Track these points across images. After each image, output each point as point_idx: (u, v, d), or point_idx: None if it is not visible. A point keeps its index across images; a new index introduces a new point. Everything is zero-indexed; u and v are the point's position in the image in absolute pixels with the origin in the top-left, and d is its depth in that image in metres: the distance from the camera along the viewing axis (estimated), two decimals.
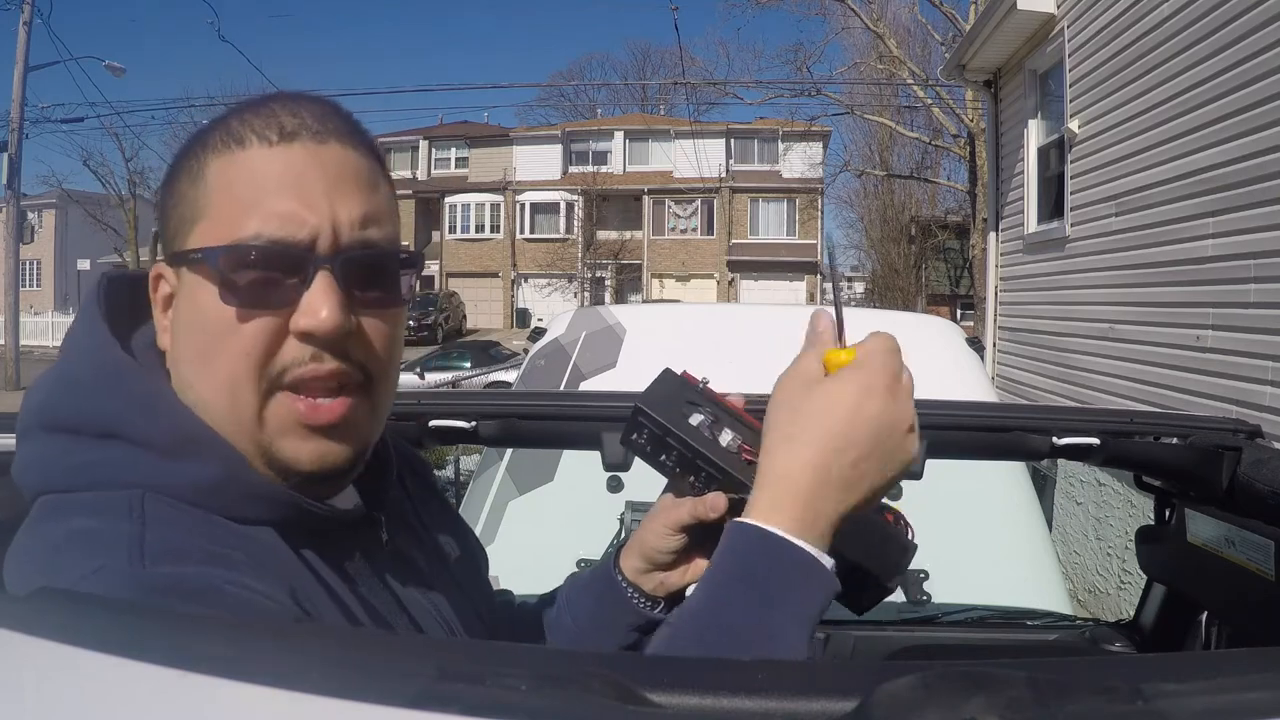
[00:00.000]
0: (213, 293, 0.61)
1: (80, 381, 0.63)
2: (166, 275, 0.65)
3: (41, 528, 0.59)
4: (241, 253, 0.60)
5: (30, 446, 0.63)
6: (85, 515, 0.58)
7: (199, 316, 0.62)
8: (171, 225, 0.65)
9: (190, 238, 0.62)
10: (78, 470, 0.61)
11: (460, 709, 0.38)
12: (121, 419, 0.61)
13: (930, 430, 1.29)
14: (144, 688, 0.41)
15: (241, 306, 0.60)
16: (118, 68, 18.85)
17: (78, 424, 0.62)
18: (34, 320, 28.24)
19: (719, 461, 0.71)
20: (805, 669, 0.45)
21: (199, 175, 0.63)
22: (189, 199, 0.63)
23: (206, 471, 0.60)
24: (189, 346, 0.63)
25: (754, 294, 31.90)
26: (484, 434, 1.32)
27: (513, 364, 12.54)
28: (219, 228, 0.61)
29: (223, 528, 0.60)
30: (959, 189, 20.99)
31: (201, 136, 0.65)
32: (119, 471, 0.60)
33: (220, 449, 0.62)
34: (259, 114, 0.63)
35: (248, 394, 0.61)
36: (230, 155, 0.62)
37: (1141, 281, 4.88)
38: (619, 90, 41.11)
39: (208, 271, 0.61)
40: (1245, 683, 0.42)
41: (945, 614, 1.89)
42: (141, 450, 0.60)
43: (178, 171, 0.65)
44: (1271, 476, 1.17)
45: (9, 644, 0.45)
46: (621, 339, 2.78)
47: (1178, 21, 4.46)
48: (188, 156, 0.65)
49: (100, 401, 0.62)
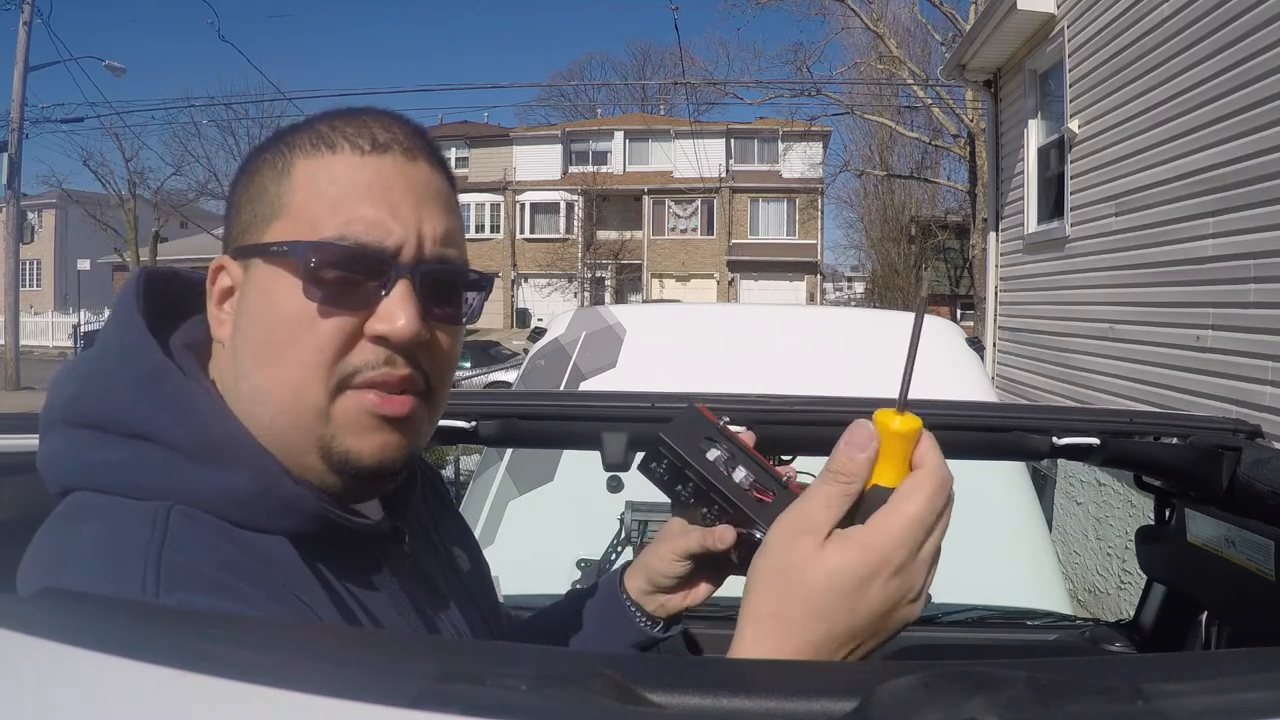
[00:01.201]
0: (293, 287, 0.61)
1: (114, 380, 0.63)
2: (230, 268, 0.65)
3: (63, 530, 0.59)
4: (330, 250, 0.61)
5: (56, 440, 0.63)
6: (107, 522, 0.58)
7: (273, 310, 0.62)
8: (244, 219, 0.65)
9: (268, 232, 0.63)
10: (104, 468, 0.60)
11: (460, 709, 0.38)
12: (153, 421, 0.61)
13: (930, 430, 1.29)
14: (144, 688, 0.41)
15: (323, 304, 0.61)
16: (118, 68, 18.84)
17: (107, 421, 0.61)
18: (34, 320, 28.25)
19: (732, 497, 0.73)
20: (805, 669, 0.45)
21: (284, 173, 0.64)
22: (269, 195, 0.64)
23: (236, 481, 0.60)
24: (255, 339, 0.63)
25: (754, 294, 31.91)
26: (484, 434, 1.32)
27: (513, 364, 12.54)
28: (301, 225, 0.62)
29: (237, 544, 0.59)
30: (959, 189, 20.99)
31: (287, 136, 0.66)
32: (146, 474, 0.60)
33: (252, 456, 0.61)
34: (351, 123, 0.65)
35: (317, 389, 0.62)
36: (320, 158, 0.63)
37: (1141, 281, 4.88)
38: (619, 90, 41.16)
39: (292, 265, 0.62)
40: (1245, 683, 0.42)
41: (945, 614, 1.89)
42: (171, 454, 0.60)
43: (258, 167, 0.65)
44: (1271, 476, 1.17)
45: (9, 644, 0.45)
46: (621, 339, 2.78)
47: (1178, 21, 4.46)
48: (271, 153, 0.65)
49: (133, 402, 0.61)
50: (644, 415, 1.27)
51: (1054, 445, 1.28)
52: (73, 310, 26.77)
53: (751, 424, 1.08)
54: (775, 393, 1.31)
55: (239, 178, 0.67)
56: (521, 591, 1.95)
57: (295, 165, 0.64)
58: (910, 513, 0.55)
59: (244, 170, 0.67)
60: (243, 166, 0.68)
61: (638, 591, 0.85)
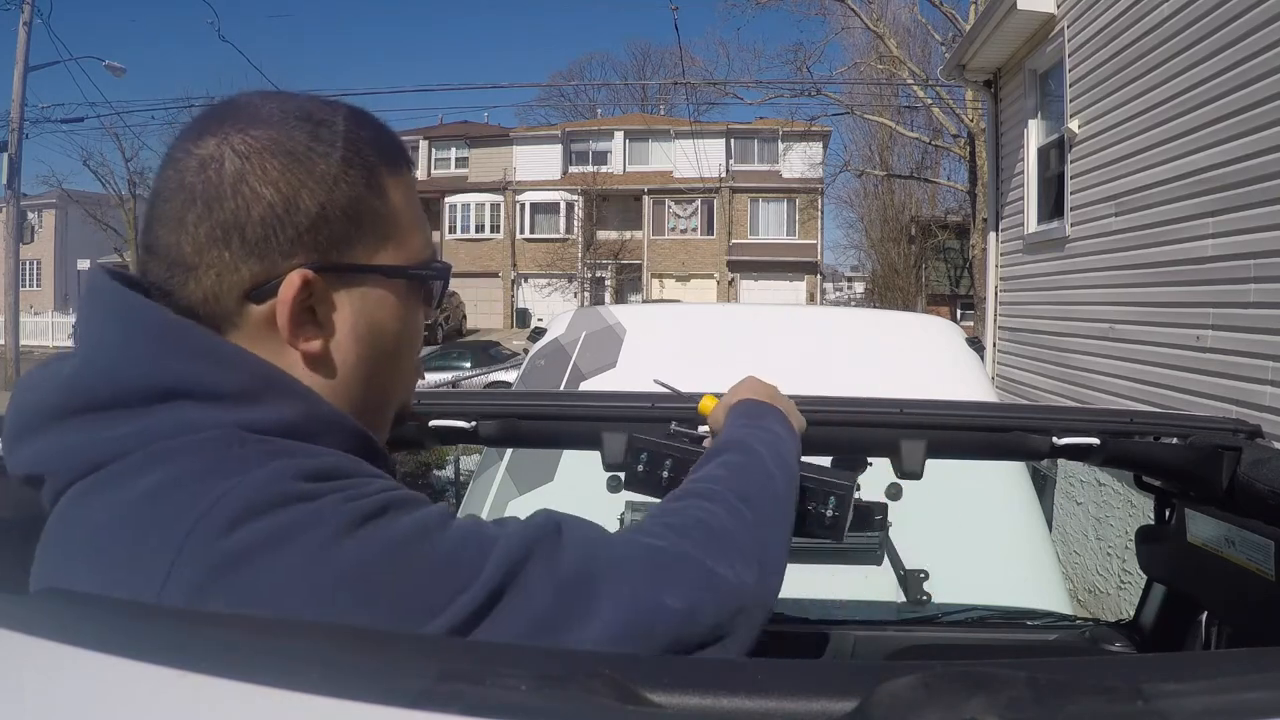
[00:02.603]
0: (414, 306, 0.69)
1: (126, 350, 0.59)
2: (317, 284, 0.62)
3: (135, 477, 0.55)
4: (444, 273, 0.71)
5: (63, 432, 0.59)
6: (186, 455, 0.56)
7: (396, 326, 0.68)
8: (333, 231, 0.62)
9: (381, 254, 0.65)
10: (141, 434, 0.57)
11: (460, 709, 0.38)
12: (187, 374, 0.58)
13: (930, 430, 1.29)
14: (144, 688, 0.41)
15: (426, 315, 0.71)
16: (118, 68, 18.83)
17: (126, 395, 0.58)
18: (34, 320, 28.23)
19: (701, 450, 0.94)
20: (805, 669, 0.45)
21: (380, 191, 0.65)
22: (369, 211, 0.64)
23: (288, 409, 0.60)
24: (369, 352, 0.66)
25: (754, 294, 31.90)
26: (484, 434, 1.32)
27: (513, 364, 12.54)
28: (410, 251, 0.67)
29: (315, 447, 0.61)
30: (959, 189, 20.99)
31: (360, 150, 0.64)
32: (194, 425, 0.57)
33: (296, 387, 0.62)
34: (393, 136, 0.69)
35: (415, 375, 0.74)
36: (398, 178, 0.67)
37: (1141, 281, 4.88)
38: (619, 90, 41.16)
39: (416, 288, 0.69)
40: (1245, 683, 0.42)
41: (945, 614, 1.89)
42: (211, 404, 0.58)
43: (349, 181, 0.63)
44: (1271, 476, 1.17)
45: (9, 644, 0.45)
46: (621, 339, 2.78)
47: (1178, 21, 4.46)
48: (360, 169, 0.64)
49: (158, 361, 0.59)
50: (644, 415, 1.27)
51: (1054, 445, 1.28)
52: (72, 310, 26.74)
53: None
54: None
55: (321, 188, 0.62)
56: None
57: (386, 185, 0.65)
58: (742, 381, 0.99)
59: (331, 181, 0.62)
60: (327, 177, 0.62)
61: None
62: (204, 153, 0.61)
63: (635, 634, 0.57)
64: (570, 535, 0.60)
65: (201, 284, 0.61)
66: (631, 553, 0.62)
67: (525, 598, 0.55)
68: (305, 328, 0.63)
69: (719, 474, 0.76)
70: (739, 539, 0.67)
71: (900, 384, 2.36)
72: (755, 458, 0.79)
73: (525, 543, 0.57)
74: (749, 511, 0.70)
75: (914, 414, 1.27)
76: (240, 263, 0.60)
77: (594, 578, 0.58)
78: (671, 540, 0.64)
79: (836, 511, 0.96)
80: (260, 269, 0.61)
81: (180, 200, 0.61)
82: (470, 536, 0.57)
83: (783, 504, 0.77)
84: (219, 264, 0.60)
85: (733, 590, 0.63)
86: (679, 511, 0.69)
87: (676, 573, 0.61)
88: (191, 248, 0.60)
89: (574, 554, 0.58)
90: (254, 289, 0.61)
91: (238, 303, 0.61)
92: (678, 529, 0.66)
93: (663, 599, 0.59)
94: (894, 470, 1.27)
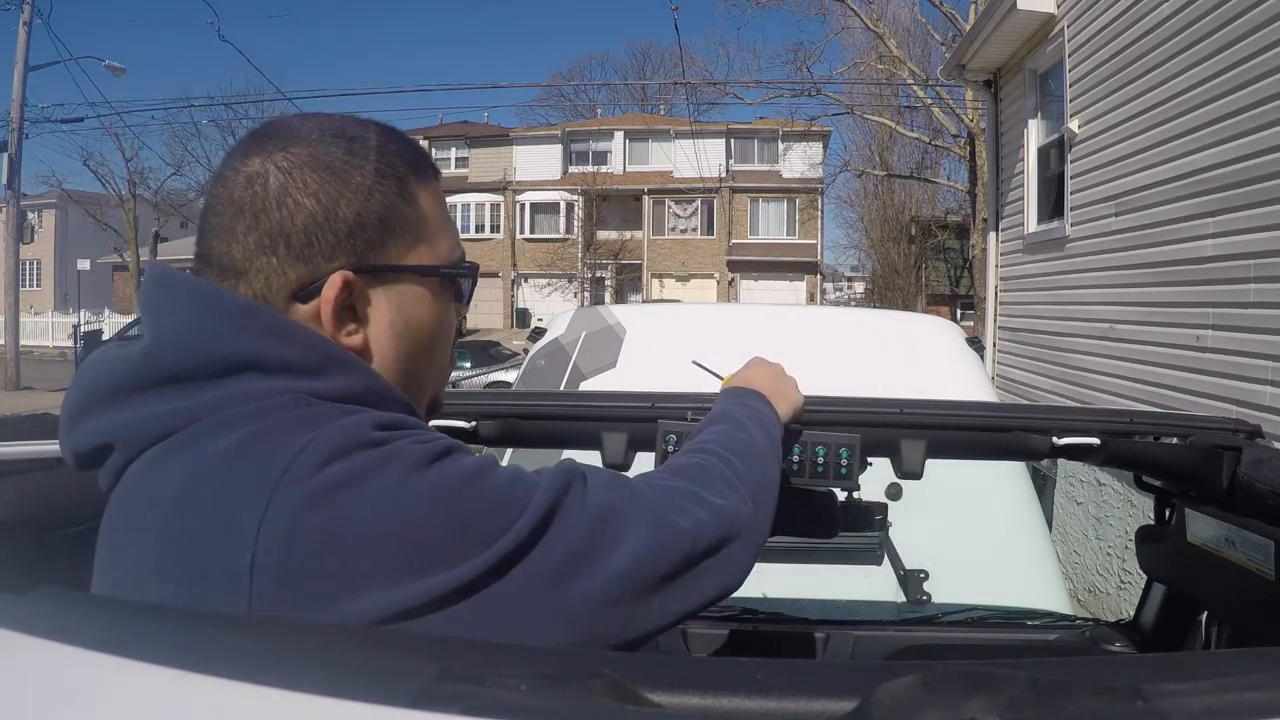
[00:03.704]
0: (440, 303, 0.75)
1: (200, 327, 0.65)
2: (356, 284, 0.69)
3: (210, 439, 0.61)
4: (474, 273, 0.78)
5: (133, 405, 0.64)
6: (257, 419, 0.61)
7: (431, 321, 0.74)
8: (369, 236, 0.69)
9: (413, 255, 0.72)
10: (213, 403, 0.63)
11: (460, 709, 0.38)
12: (256, 348, 0.64)
13: (930, 430, 1.29)
14: (144, 688, 0.41)
15: (458, 312, 0.79)
16: (118, 68, 18.84)
17: (195, 369, 0.63)
18: (34, 320, 28.22)
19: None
20: (805, 669, 0.45)
21: (410, 198, 0.72)
22: (401, 217, 0.71)
23: (353, 382, 0.67)
24: (405, 346, 0.72)
25: (754, 294, 31.89)
26: (484, 434, 1.32)
27: (513, 364, 12.54)
28: (440, 251, 0.74)
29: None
30: (959, 189, 20.99)
31: (390, 162, 0.71)
32: (262, 394, 0.63)
33: (357, 363, 0.69)
34: (420, 148, 0.75)
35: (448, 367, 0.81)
36: (426, 185, 0.73)
37: (1141, 281, 4.88)
38: (619, 90, 41.16)
39: (441, 286, 0.75)
40: (1245, 683, 0.42)
41: (945, 614, 1.89)
42: (279, 375, 0.64)
43: (383, 189, 0.70)
44: (1271, 476, 1.17)
45: (9, 644, 0.45)
46: (621, 339, 2.78)
47: (1178, 21, 4.46)
48: (391, 179, 0.70)
49: (231, 336, 0.64)
50: (644, 415, 1.27)
51: (1054, 445, 1.28)
52: (73, 310, 26.75)
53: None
54: None
55: (357, 195, 0.68)
56: None
57: (416, 193, 0.72)
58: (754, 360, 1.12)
59: (367, 188, 0.69)
60: (364, 185, 0.69)
61: None
62: (250, 169, 0.67)
63: (654, 554, 0.67)
64: (594, 479, 0.69)
65: (252, 286, 0.67)
66: (645, 489, 0.73)
67: (566, 529, 0.64)
68: (347, 324, 0.69)
69: (709, 437, 0.89)
70: (731, 479, 0.80)
71: (900, 384, 2.36)
72: (738, 425, 0.93)
73: (561, 484, 0.66)
74: (738, 462, 0.84)
75: (914, 414, 1.27)
76: (287, 266, 0.67)
77: (617, 510, 0.67)
78: (678, 481, 0.77)
79: (848, 462, 1.19)
80: (305, 272, 0.67)
81: (230, 213, 0.67)
82: (519, 477, 0.66)
83: (765, 456, 0.89)
84: (267, 268, 0.67)
85: (730, 513, 0.75)
86: (681, 464, 0.82)
87: (683, 502, 0.73)
88: (242, 254, 0.67)
89: (600, 493, 0.68)
90: (300, 290, 0.67)
91: (285, 303, 0.68)
92: (680, 472, 0.79)
93: (674, 520, 0.70)
94: (894, 470, 1.27)
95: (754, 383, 1.04)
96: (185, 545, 0.58)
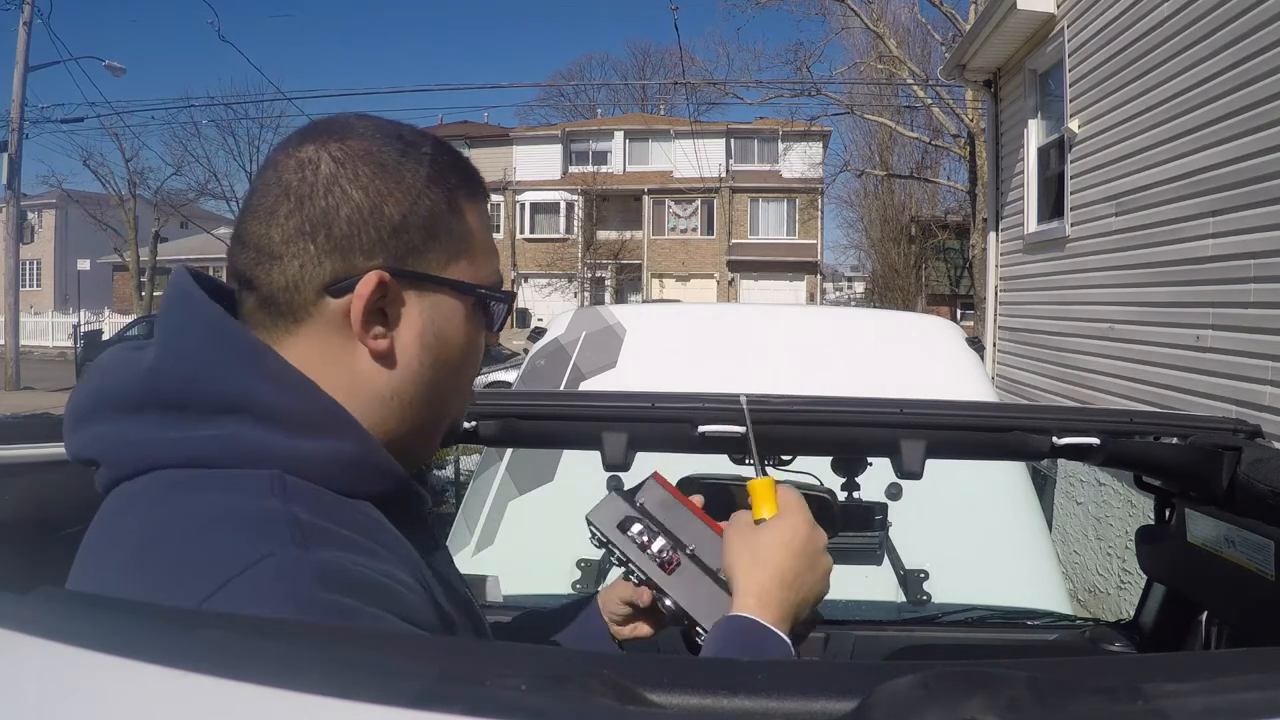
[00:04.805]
0: (472, 320, 0.72)
1: (207, 358, 0.64)
2: (392, 286, 0.67)
3: (170, 502, 0.60)
4: (512, 297, 0.75)
5: (123, 423, 0.63)
6: (231, 489, 0.59)
7: (459, 337, 0.71)
8: (412, 239, 0.67)
9: (453, 268, 0.70)
10: (200, 443, 0.61)
11: (460, 709, 0.38)
12: (254, 395, 0.63)
13: (930, 430, 1.29)
14: (144, 688, 0.41)
15: (487, 340, 0.75)
16: (118, 68, 18.84)
17: (193, 399, 0.63)
18: (34, 320, 28.23)
19: (644, 570, 0.91)
20: (805, 669, 0.45)
21: (457, 212, 0.70)
22: (446, 228, 0.69)
23: (343, 447, 0.64)
24: (431, 359, 0.70)
25: (754, 294, 31.89)
26: (484, 434, 1.32)
27: (513, 364, 12.53)
28: (480, 270, 0.72)
29: (349, 507, 0.63)
30: (959, 189, 20.98)
31: (443, 172, 0.69)
32: (245, 446, 0.62)
33: (353, 425, 0.66)
34: (473, 168, 0.74)
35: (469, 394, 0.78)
36: (475, 203, 0.72)
37: (1141, 281, 4.88)
38: (619, 90, 41.15)
39: (480, 309, 0.73)
40: (1245, 683, 0.42)
41: (945, 614, 1.89)
42: (272, 426, 0.62)
43: (432, 195, 0.68)
44: (1271, 476, 1.17)
45: (9, 644, 0.45)
46: (621, 339, 2.78)
47: (1178, 21, 4.46)
48: (442, 189, 0.69)
49: (234, 378, 0.63)
50: (644, 415, 1.27)
51: (1054, 445, 1.28)
52: (73, 310, 26.76)
53: (751, 424, 1.08)
54: (775, 393, 1.31)
55: (403, 197, 0.67)
56: (521, 591, 1.95)
57: (464, 207, 0.70)
58: (790, 500, 0.87)
59: (414, 192, 0.67)
60: (412, 189, 0.67)
61: (605, 615, 0.99)
62: (303, 155, 0.66)
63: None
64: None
65: (286, 272, 0.65)
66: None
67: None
68: (375, 326, 0.67)
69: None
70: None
71: (900, 384, 2.36)
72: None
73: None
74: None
75: (914, 414, 1.27)
76: (324, 256, 0.65)
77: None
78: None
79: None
80: (341, 265, 0.65)
81: (274, 195, 0.66)
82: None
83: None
84: (303, 255, 0.65)
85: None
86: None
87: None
88: (280, 237, 0.65)
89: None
90: (333, 283, 0.65)
91: (316, 294, 0.66)
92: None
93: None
94: (894, 470, 1.27)
95: (762, 602, 0.80)
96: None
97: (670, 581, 0.90)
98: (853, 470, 1.39)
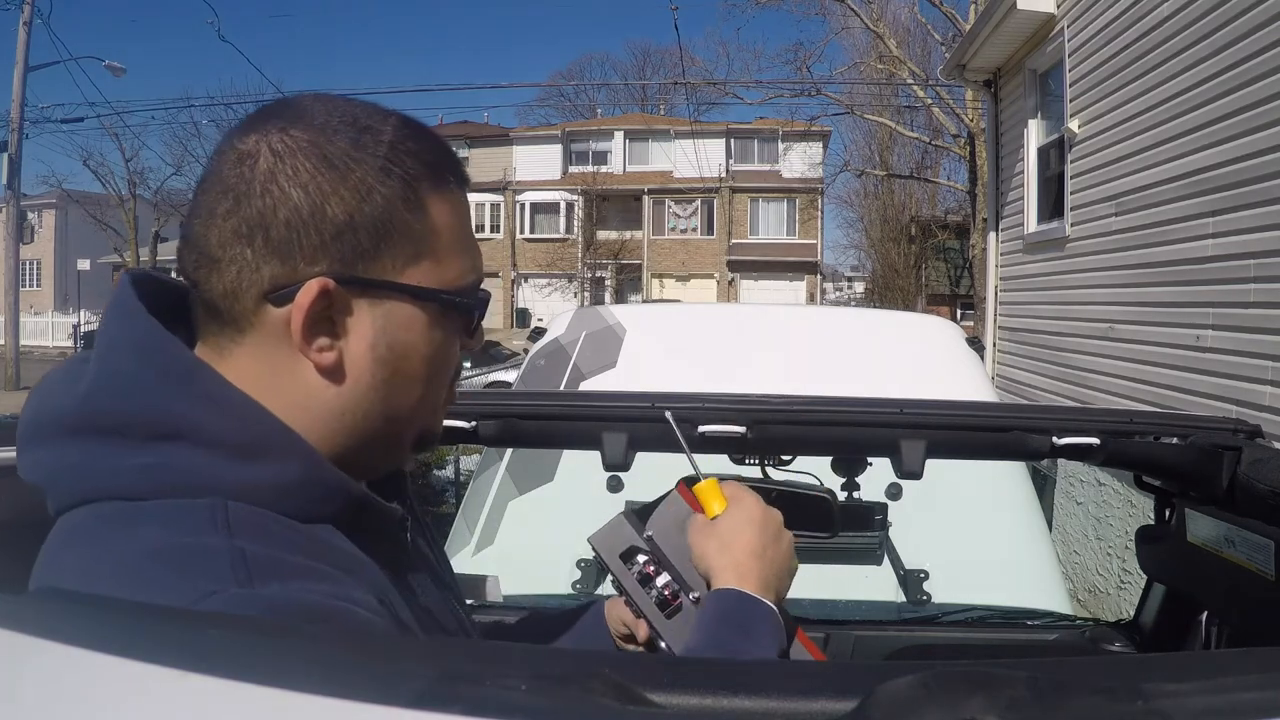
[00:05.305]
0: (446, 331, 0.66)
1: (138, 380, 0.59)
2: (337, 294, 0.60)
3: (106, 538, 0.56)
4: (484, 301, 0.68)
5: (63, 451, 0.59)
6: (167, 524, 0.55)
7: (423, 349, 0.65)
8: (360, 242, 0.61)
9: (411, 273, 0.63)
10: (136, 472, 0.57)
11: (460, 709, 0.38)
12: (190, 419, 0.58)
13: (930, 430, 1.29)
14: (144, 688, 0.41)
15: (464, 346, 0.69)
16: (118, 68, 18.84)
17: (130, 425, 0.58)
18: (34, 320, 28.23)
19: (642, 608, 0.86)
20: (805, 669, 0.46)
21: (418, 207, 0.63)
22: (403, 226, 0.62)
23: (288, 470, 0.60)
24: (386, 372, 0.64)
25: (754, 294, 31.89)
26: (484, 434, 1.32)
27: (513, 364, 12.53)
28: (447, 272, 0.65)
29: (299, 532, 0.59)
30: (959, 189, 20.99)
31: (401, 161, 0.62)
32: (185, 475, 0.58)
33: (299, 446, 0.61)
34: (446, 150, 0.67)
35: (440, 411, 0.71)
36: (443, 194, 0.65)
37: (1141, 281, 4.88)
38: (619, 90, 41.14)
39: (450, 313, 0.66)
40: (1245, 683, 0.42)
41: (945, 614, 1.89)
42: (211, 451, 0.58)
43: (386, 191, 0.61)
44: (1271, 476, 1.17)
45: (9, 644, 0.45)
46: (621, 339, 2.78)
47: (1178, 21, 4.46)
48: (398, 180, 0.62)
49: (167, 401, 0.59)
50: (644, 415, 1.27)
51: (1054, 445, 1.28)
52: (73, 310, 26.78)
53: (752, 424, 1.08)
54: (775, 393, 1.31)
55: (354, 197, 0.60)
56: (521, 591, 1.95)
57: (427, 201, 0.63)
58: (737, 492, 0.87)
59: (360, 191, 0.61)
60: (358, 187, 0.61)
61: (610, 625, 0.96)
62: (244, 148, 0.61)
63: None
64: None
65: (224, 278, 0.60)
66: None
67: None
68: (320, 337, 0.61)
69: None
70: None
71: (900, 384, 2.36)
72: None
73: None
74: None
75: (914, 414, 1.27)
76: (261, 262, 0.60)
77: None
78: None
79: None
80: (281, 271, 0.60)
81: (215, 192, 0.61)
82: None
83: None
84: (240, 260, 0.60)
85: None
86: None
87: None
88: (217, 240, 0.60)
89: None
90: (273, 291, 0.60)
91: (256, 302, 0.60)
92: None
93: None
94: (894, 470, 1.27)
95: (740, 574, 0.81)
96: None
97: (668, 625, 0.84)
98: (853, 470, 1.39)
